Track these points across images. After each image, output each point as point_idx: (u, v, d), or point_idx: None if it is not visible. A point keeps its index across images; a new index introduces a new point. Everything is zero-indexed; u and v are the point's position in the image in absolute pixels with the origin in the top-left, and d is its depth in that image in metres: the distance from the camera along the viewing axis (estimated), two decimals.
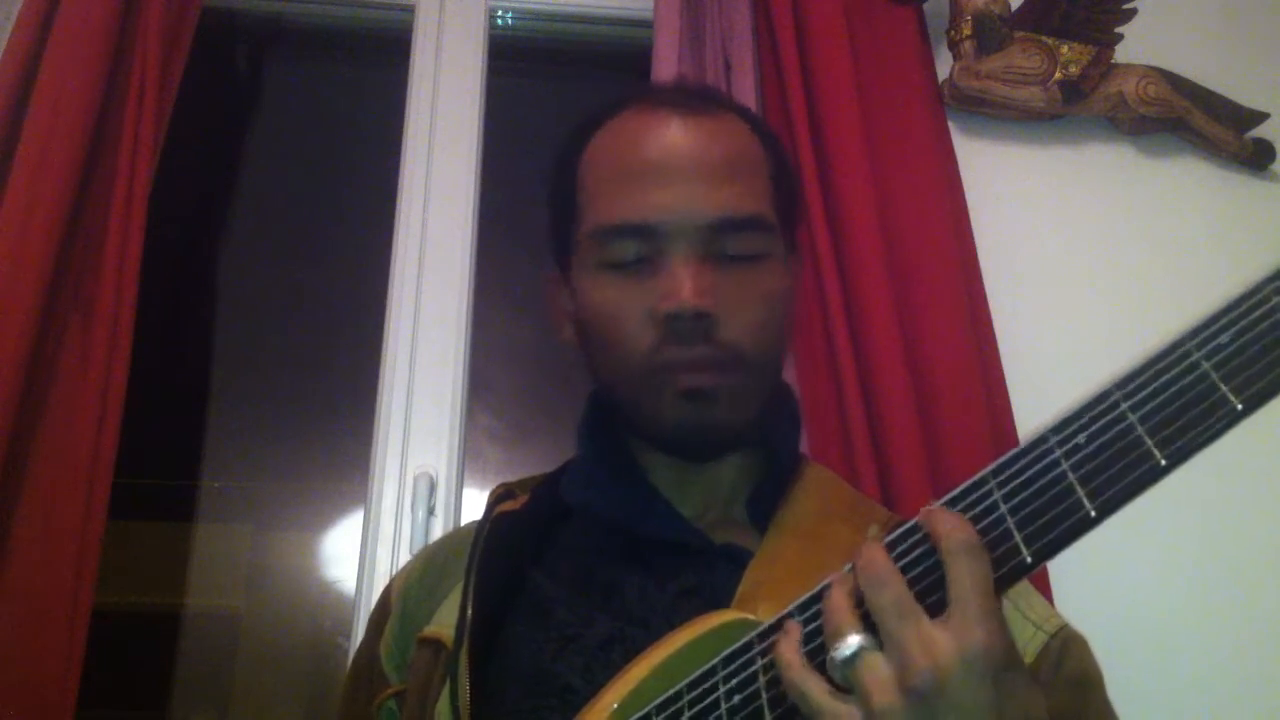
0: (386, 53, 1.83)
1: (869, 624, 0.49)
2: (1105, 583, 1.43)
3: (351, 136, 1.94)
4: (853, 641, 0.49)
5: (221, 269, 1.82)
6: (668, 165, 0.74)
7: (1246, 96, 1.81)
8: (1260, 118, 1.80)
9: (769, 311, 0.74)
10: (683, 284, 0.70)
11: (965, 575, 0.47)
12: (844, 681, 0.49)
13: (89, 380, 1.34)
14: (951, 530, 0.49)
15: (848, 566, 0.53)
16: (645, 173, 0.74)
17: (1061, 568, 1.34)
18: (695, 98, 0.80)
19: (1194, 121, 1.78)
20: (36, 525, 1.25)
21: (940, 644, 0.46)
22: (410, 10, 1.83)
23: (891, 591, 0.49)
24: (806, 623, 0.53)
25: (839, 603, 0.51)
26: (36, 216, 1.35)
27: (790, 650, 0.52)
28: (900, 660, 0.47)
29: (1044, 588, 1.33)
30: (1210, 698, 1.42)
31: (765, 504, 0.76)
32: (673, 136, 0.75)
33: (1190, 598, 1.49)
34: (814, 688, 0.49)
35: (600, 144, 0.79)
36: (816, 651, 0.51)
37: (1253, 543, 1.53)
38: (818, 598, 0.53)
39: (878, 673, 0.47)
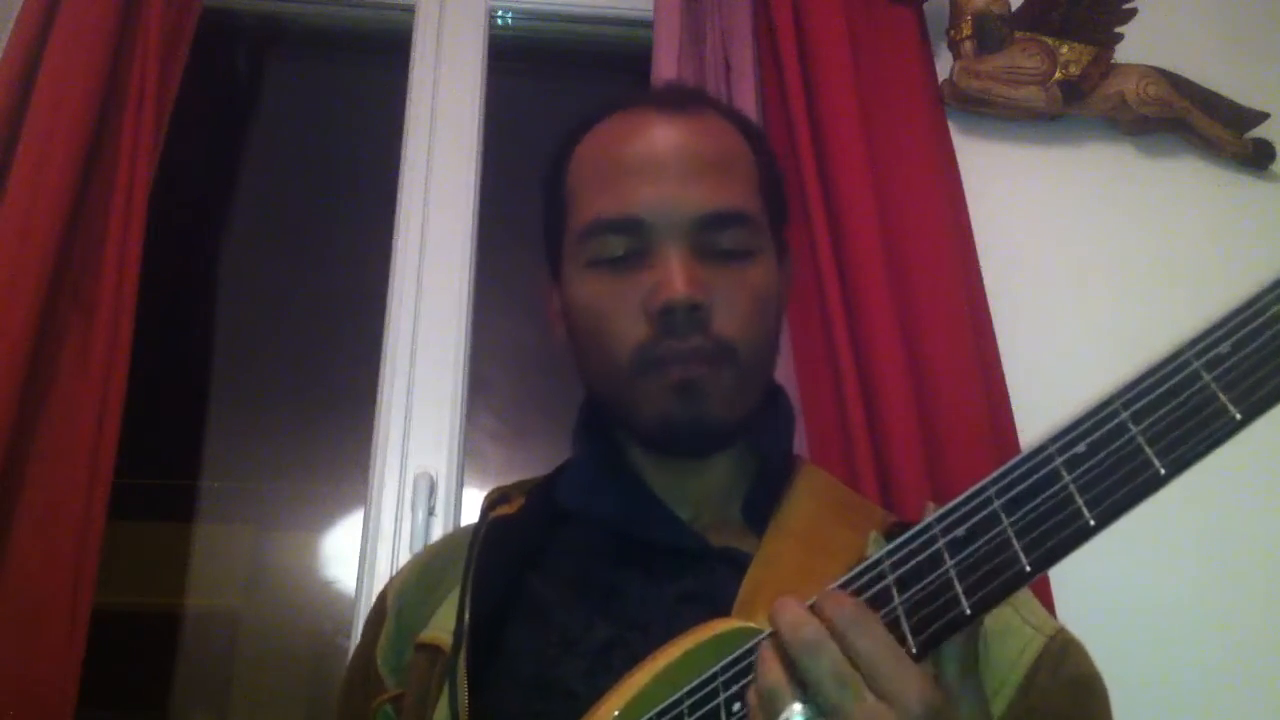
0: (386, 53, 1.83)
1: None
2: (1105, 583, 1.43)
3: (351, 136, 1.94)
4: (796, 710, 0.48)
5: (221, 269, 1.82)
6: (654, 161, 0.74)
7: (1246, 96, 1.81)
8: (1260, 118, 1.80)
9: (759, 307, 0.74)
10: (675, 276, 0.69)
11: (866, 647, 0.47)
12: None
13: (89, 380, 1.34)
14: (836, 612, 0.49)
15: (841, 580, 0.53)
16: (631, 169, 0.74)
17: (1062, 568, 1.34)
18: (679, 98, 0.80)
19: (1194, 121, 1.77)
20: (36, 525, 1.25)
21: (884, 710, 0.46)
22: (410, 10, 1.82)
23: (828, 658, 0.48)
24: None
25: (773, 669, 0.49)
26: (37, 216, 1.35)
27: None
28: None
29: (1044, 588, 1.33)
30: (1211, 698, 1.42)
31: (761, 506, 0.76)
32: (658, 134, 0.75)
33: (1190, 598, 1.49)
34: None
35: (587, 146, 0.79)
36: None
37: (1253, 543, 1.53)
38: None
39: None
